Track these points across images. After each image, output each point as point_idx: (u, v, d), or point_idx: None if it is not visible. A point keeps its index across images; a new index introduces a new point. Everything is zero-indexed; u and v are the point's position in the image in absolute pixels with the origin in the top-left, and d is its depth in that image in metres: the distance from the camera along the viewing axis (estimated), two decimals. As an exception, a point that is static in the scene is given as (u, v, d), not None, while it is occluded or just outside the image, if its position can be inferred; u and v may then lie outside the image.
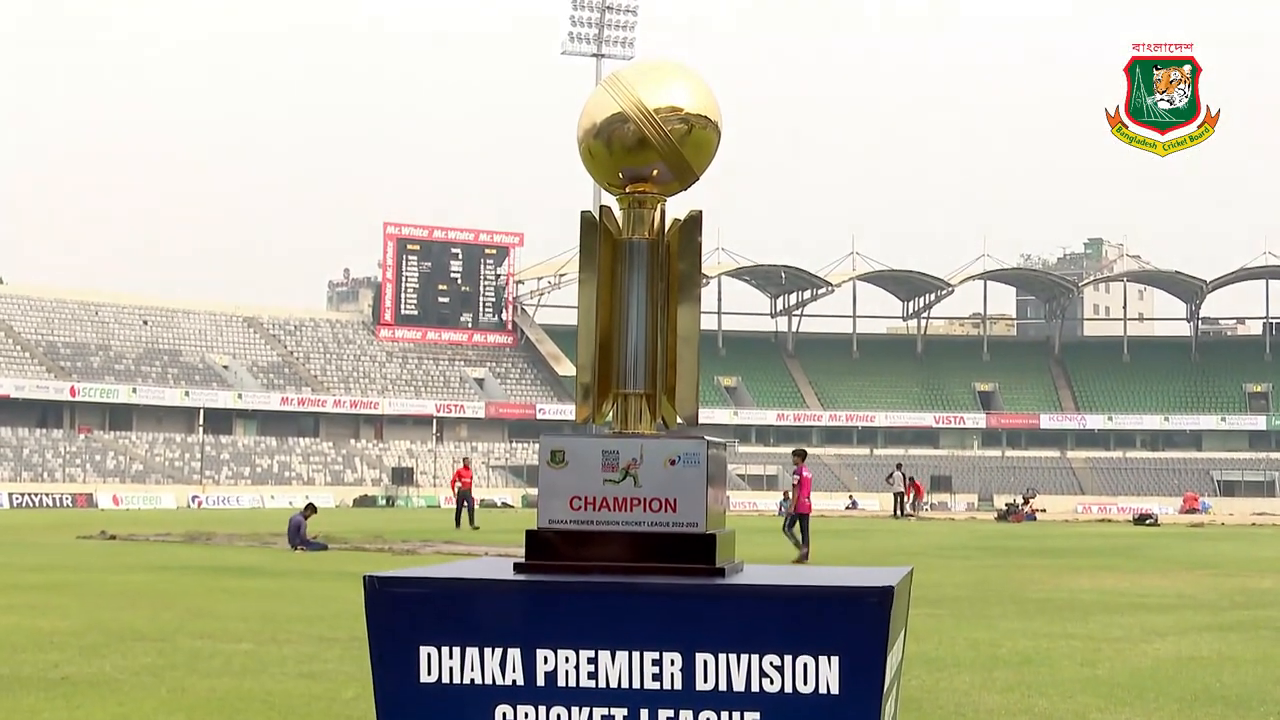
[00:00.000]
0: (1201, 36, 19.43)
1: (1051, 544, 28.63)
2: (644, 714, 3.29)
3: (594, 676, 3.31)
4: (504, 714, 3.33)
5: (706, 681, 3.28)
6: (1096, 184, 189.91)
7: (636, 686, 3.30)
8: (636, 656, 3.30)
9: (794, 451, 22.75)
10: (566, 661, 3.32)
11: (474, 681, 3.34)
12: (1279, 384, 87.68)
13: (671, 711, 3.28)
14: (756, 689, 3.26)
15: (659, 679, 3.29)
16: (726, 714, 3.27)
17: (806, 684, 3.25)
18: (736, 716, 3.27)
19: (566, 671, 3.32)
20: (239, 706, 7.53)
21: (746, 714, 3.26)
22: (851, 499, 70.20)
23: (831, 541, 27.22)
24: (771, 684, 3.26)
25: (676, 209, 3.78)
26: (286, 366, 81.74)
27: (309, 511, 24.77)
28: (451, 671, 3.35)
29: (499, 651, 3.34)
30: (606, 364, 3.69)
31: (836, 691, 3.24)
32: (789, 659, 3.26)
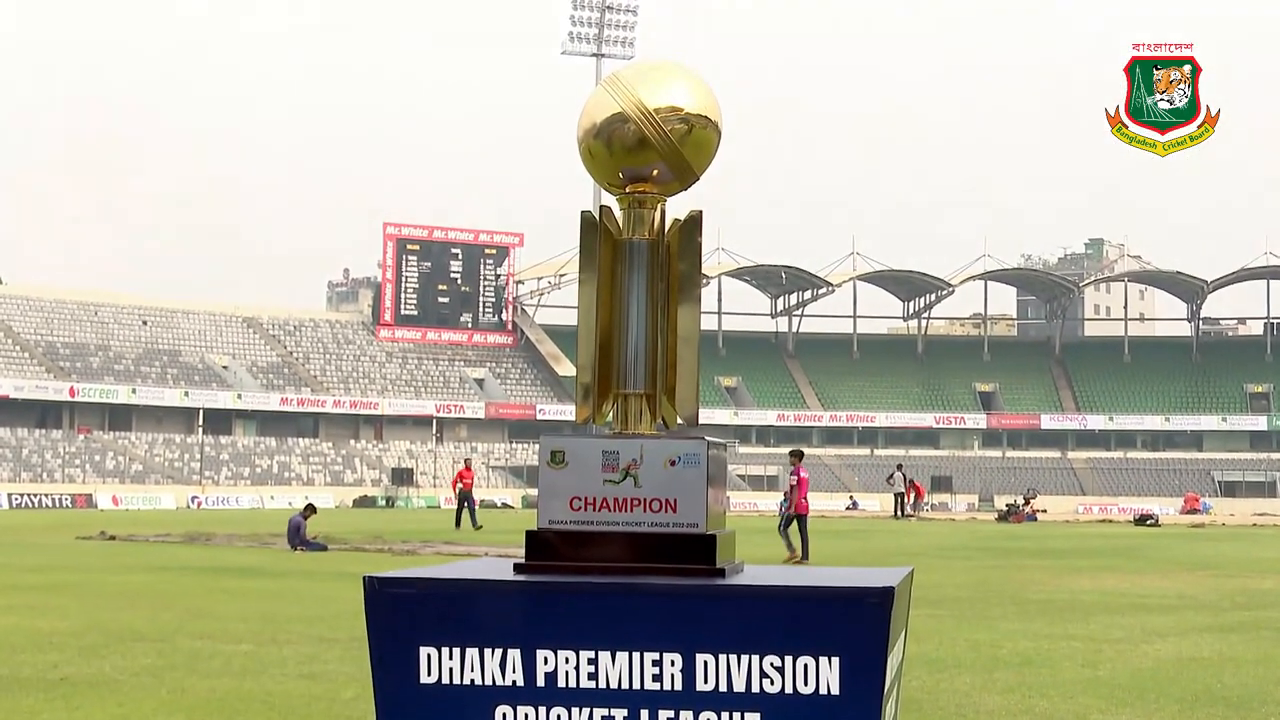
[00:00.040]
0: (1201, 36, 19.42)
1: (1052, 545, 28.62)
2: (644, 714, 3.29)
3: (594, 677, 3.30)
4: (504, 714, 3.33)
5: (707, 682, 3.27)
6: (1097, 184, 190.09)
7: (637, 687, 3.29)
8: (637, 657, 3.29)
9: (791, 452, 22.75)
10: (567, 662, 3.31)
11: (474, 682, 3.34)
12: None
13: (672, 712, 3.28)
14: (757, 690, 3.26)
15: (659, 680, 3.29)
16: (727, 715, 3.27)
17: (807, 685, 3.25)
18: (737, 717, 3.27)
19: (567, 672, 3.31)
20: (239, 707, 7.52)
21: (747, 715, 3.26)
22: (852, 499, 70.18)
23: (832, 542, 27.21)
24: (772, 685, 3.26)
25: (677, 209, 3.78)
26: (286, 367, 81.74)
27: (309, 512, 24.76)
28: (451, 672, 3.35)
29: (499, 652, 3.33)
30: (606, 364, 3.68)
31: (837, 692, 3.24)
32: (789, 660, 3.25)
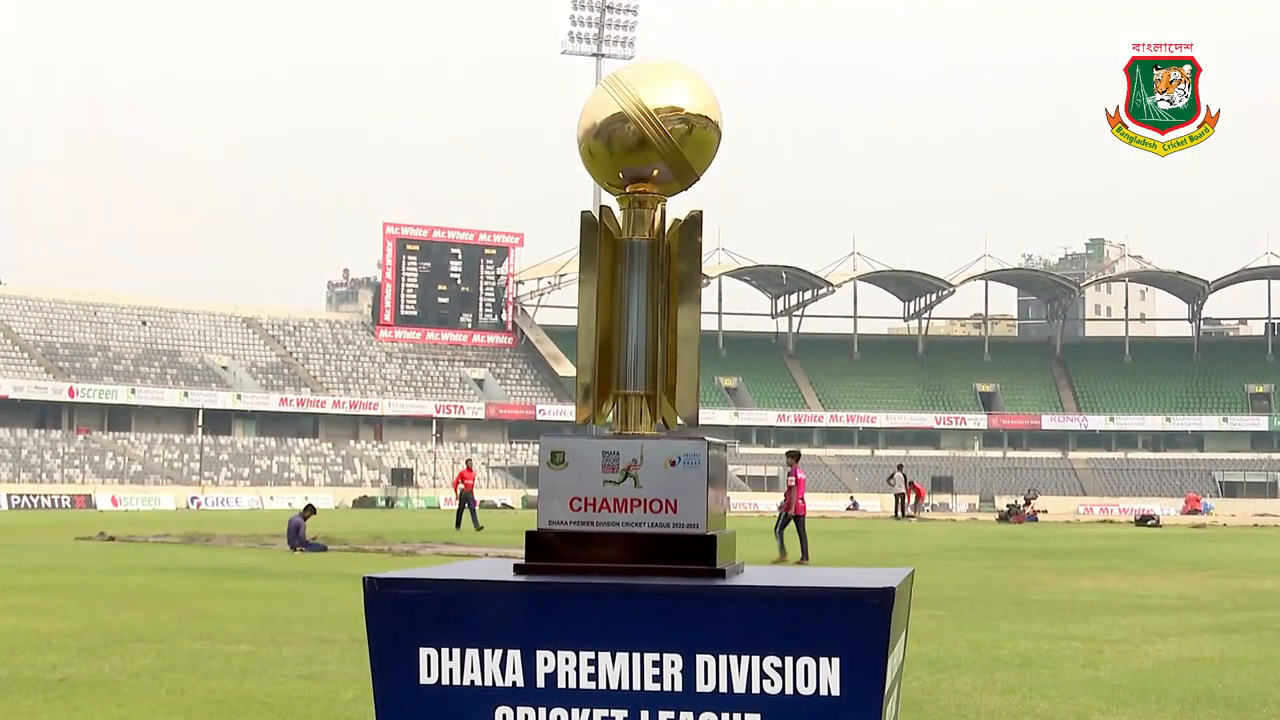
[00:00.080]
0: (1201, 36, 19.43)
1: (1053, 545, 28.62)
2: (644, 715, 3.28)
3: (594, 678, 3.30)
4: (504, 715, 3.33)
5: (707, 683, 3.27)
6: (1098, 184, 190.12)
7: (637, 688, 3.29)
8: (637, 658, 3.29)
9: (788, 453, 22.78)
10: (567, 663, 3.31)
11: (474, 683, 3.33)
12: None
13: (672, 713, 3.27)
14: (757, 690, 3.26)
15: (659, 680, 3.28)
16: (727, 715, 3.26)
17: (807, 685, 3.24)
18: (737, 718, 3.26)
19: (567, 673, 3.31)
20: (238, 708, 7.52)
21: (747, 715, 3.26)
22: (852, 500, 70.18)
23: (832, 543, 27.20)
24: (772, 685, 3.25)
25: (677, 209, 3.77)
26: (286, 367, 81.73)
27: (308, 512, 24.76)
28: (451, 673, 3.34)
29: (499, 653, 3.33)
30: (607, 365, 3.68)
31: (837, 693, 3.23)
32: (789, 660, 3.25)
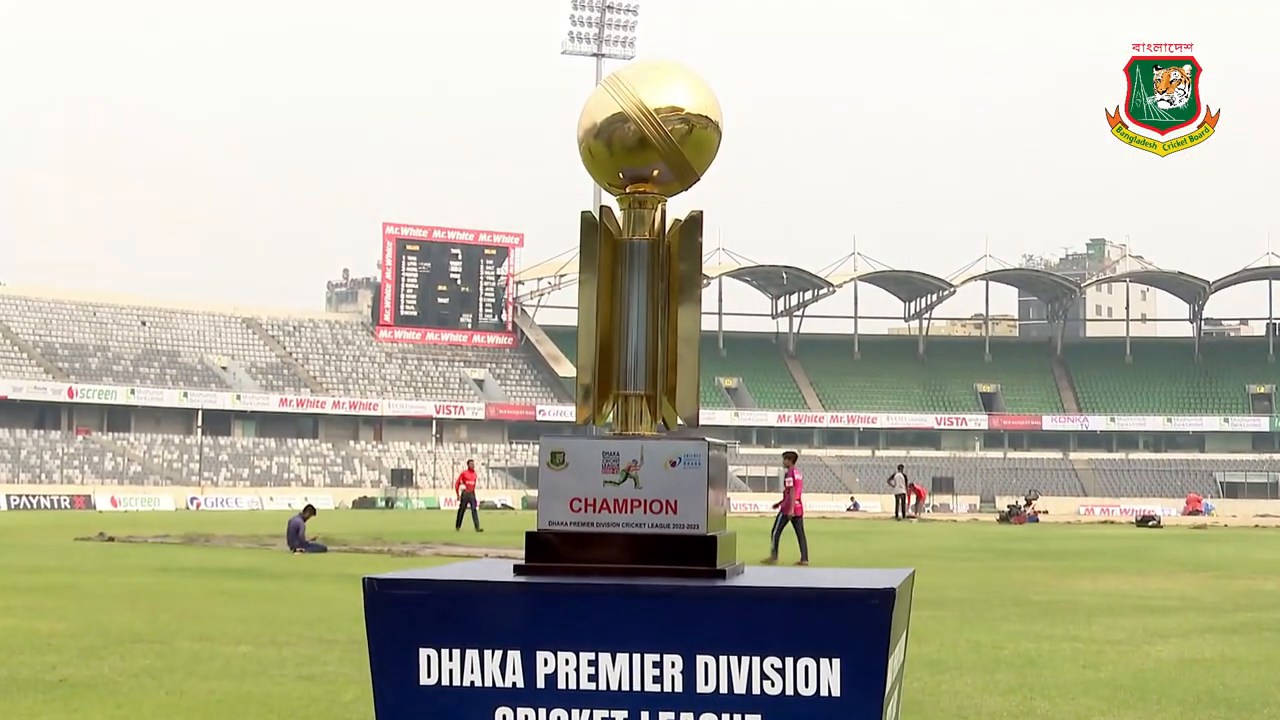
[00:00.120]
0: (1201, 36, 19.42)
1: (1054, 546, 28.60)
2: (644, 716, 3.28)
3: (594, 679, 3.29)
4: (504, 716, 3.32)
5: (707, 684, 3.26)
6: (1099, 184, 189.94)
7: (637, 689, 3.28)
8: (637, 659, 3.28)
9: (784, 454, 22.78)
10: (567, 664, 3.30)
11: (474, 684, 3.33)
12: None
13: (672, 714, 3.27)
14: (757, 691, 3.25)
15: (660, 681, 3.28)
16: (727, 716, 3.26)
17: (808, 686, 3.24)
18: (737, 719, 3.26)
19: (567, 674, 3.30)
20: (238, 709, 7.51)
21: (748, 716, 3.25)
22: (853, 501, 70.18)
23: (833, 543, 27.19)
24: (773, 686, 3.25)
25: (677, 209, 3.77)
26: (285, 367, 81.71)
27: (308, 513, 24.73)
28: (451, 674, 3.34)
29: (499, 654, 3.32)
30: (607, 365, 3.67)
31: (838, 694, 3.23)
32: (790, 661, 3.24)
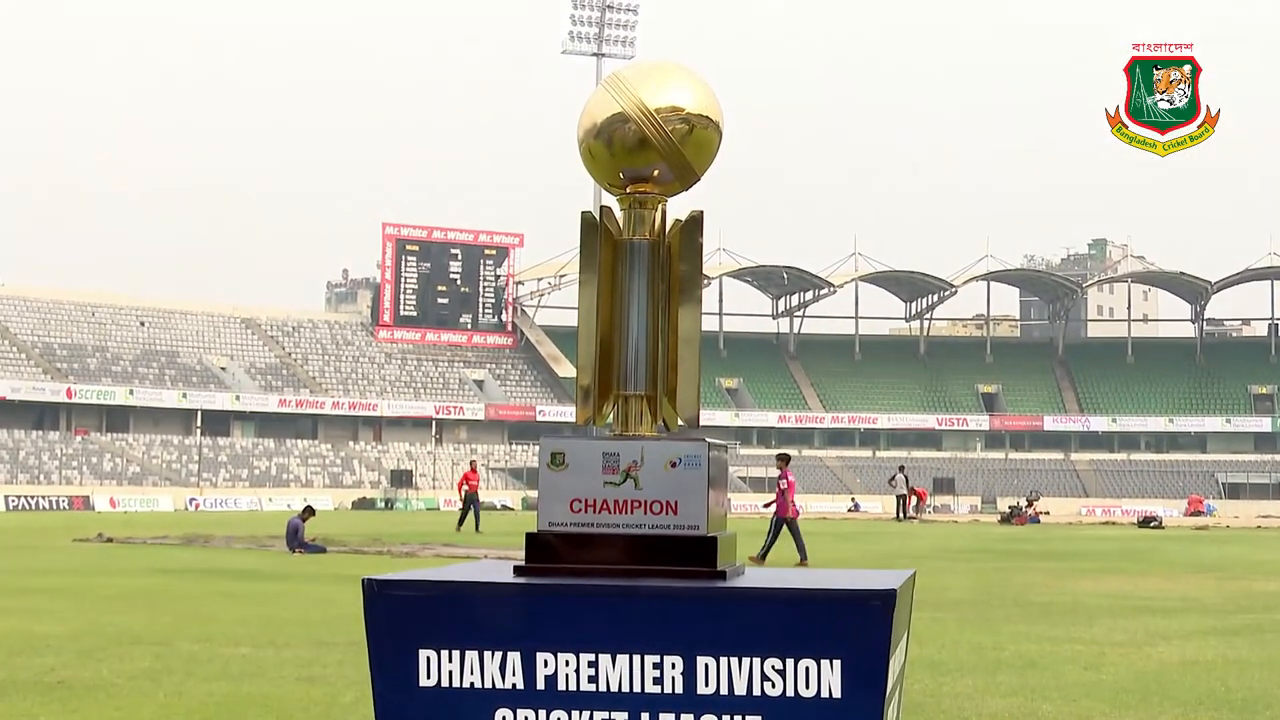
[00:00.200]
0: (1201, 36, 19.44)
1: (1055, 547, 28.59)
2: (645, 717, 3.27)
3: (594, 680, 3.28)
4: (504, 717, 3.31)
5: (708, 685, 3.25)
6: (1101, 184, 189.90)
7: (637, 690, 3.27)
8: (637, 660, 3.27)
9: (778, 456, 22.78)
10: (567, 665, 3.29)
11: (474, 685, 3.32)
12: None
13: (672, 715, 3.26)
14: (758, 692, 3.24)
15: (660, 682, 3.27)
16: (728, 718, 3.25)
17: (808, 688, 3.23)
18: (738, 720, 3.25)
19: (567, 675, 3.29)
20: (237, 711, 7.49)
21: (748, 717, 3.24)
22: (854, 501, 70.19)
23: (833, 544, 27.20)
24: (773, 687, 3.24)
25: (677, 209, 3.76)
26: (284, 368, 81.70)
27: (307, 514, 24.72)
28: (451, 675, 3.33)
29: (499, 655, 3.31)
30: (607, 365, 3.66)
31: (839, 695, 3.22)
32: (791, 662, 3.23)
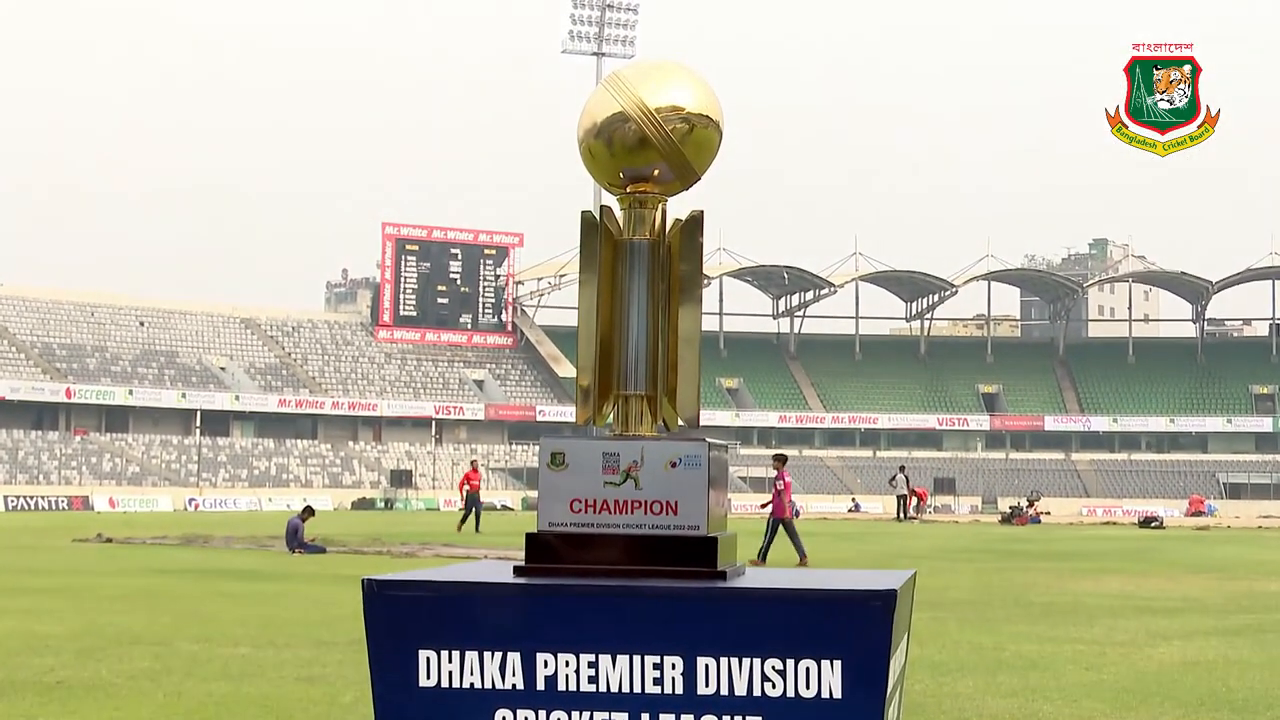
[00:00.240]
0: (1201, 36, 19.43)
1: (1056, 547, 28.58)
2: (645, 718, 3.26)
3: (594, 680, 3.28)
4: (504, 718, 3.31)
5: (708, 685, 3.25)
6: (1101, 184, 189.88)
7: (637, 690, 3.26)
8: (637, 660, 3.27)
9: (774, 456, 22.79)
10: (567, 665, 3.29)
11: (474, 685, 3.31)
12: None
13: (673, 716, 3.26)
14: (758, 693, 3.24)
15: (660, 683, 3.26)
16: (728, 718, 3.24)
17: (809, 688, 3.22)
18: (738, 720, 3.24)
19: (567, 675, 3.28)
20: (237, 711, 7.49)
21: (748, 718, 3.24)
22: (854, 502, 70.18)
23: (834, 544, 27.19)
24: (774, 688, 3.23)
25: (678, 209, 3.75)
26: (284, 368, 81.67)
27: (307, 514, 24.71)
28: (451, 675, 3.32)
29: (499, 655, 3.31)
30: (607, 365, 3.66)
31: (839, 696, 3.21)
32: (791, 663, 3.23)
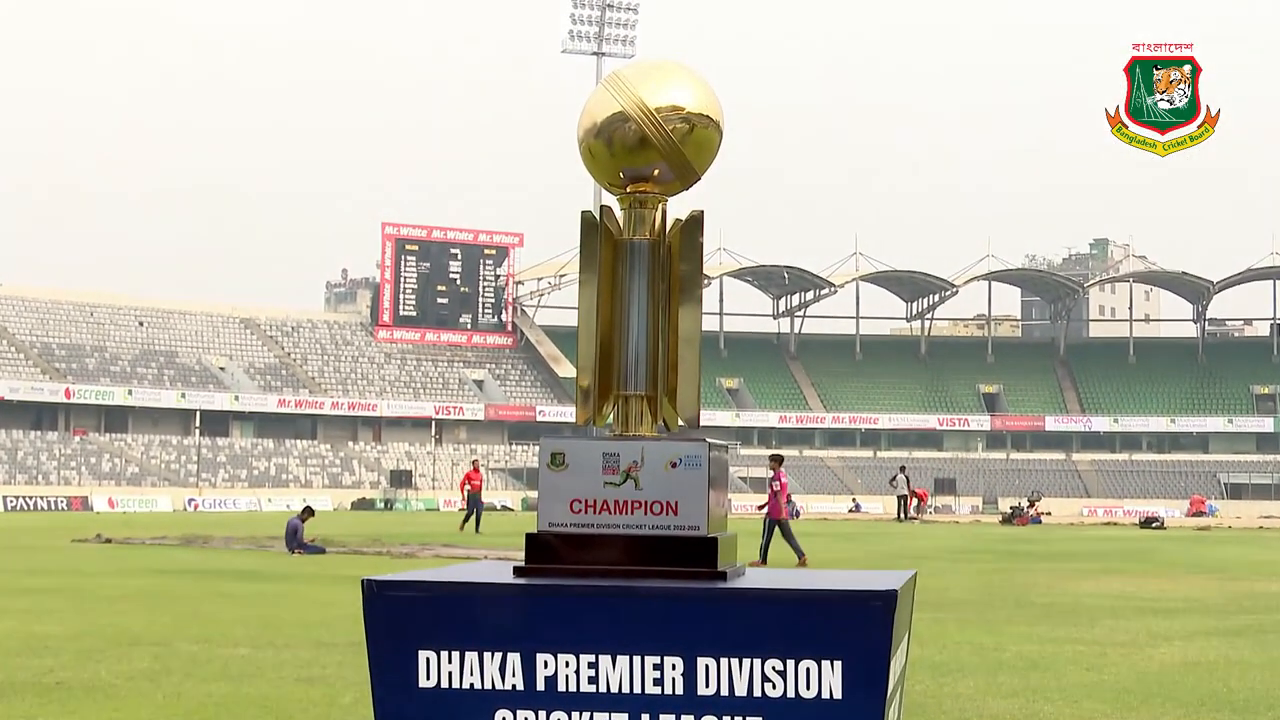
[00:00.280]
0: (1201, 36, 19.44)
1: (1057, 547, 28.58)
2: (645, 718, 3.26)
3: (595, 681, 3.27)
4: (504, 718, 3.30)
5: (708, 686, 3.24)
6: (1102, 184, 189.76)
7: (638, 691, 3.26)
8: (638, 661, 3.26)
9: (771, 457, 22.80)
10: (567, 666, 3.28)
11: (473, 686, 3.31)
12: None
13: (673, 716, 3.25)
14: (759, 694, 3.23)
15: (660, 684, 3.26)
16: (728, 719, 3.23)
17: (809, 689, 3.21)
18: (738, 721, 3.24)
19: (567, 676, 3.28)
20: (236, 711, 7.48)
21: (749, 718, 3.23)
22: (854, 502, 70.19)
23: (834, 545, 27.19)
24: (774, 689, 3.22)
25: (678, 209, 3.75)
26: (284, 368, 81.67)
27: (306, 514, 24.71)
28: (451, 676, 3.31)
29: (499, 656, 3.30)
30: (607, 366, 3.65)
31: (839, 696, 3.21)
32: (791, 663, 3.22)
